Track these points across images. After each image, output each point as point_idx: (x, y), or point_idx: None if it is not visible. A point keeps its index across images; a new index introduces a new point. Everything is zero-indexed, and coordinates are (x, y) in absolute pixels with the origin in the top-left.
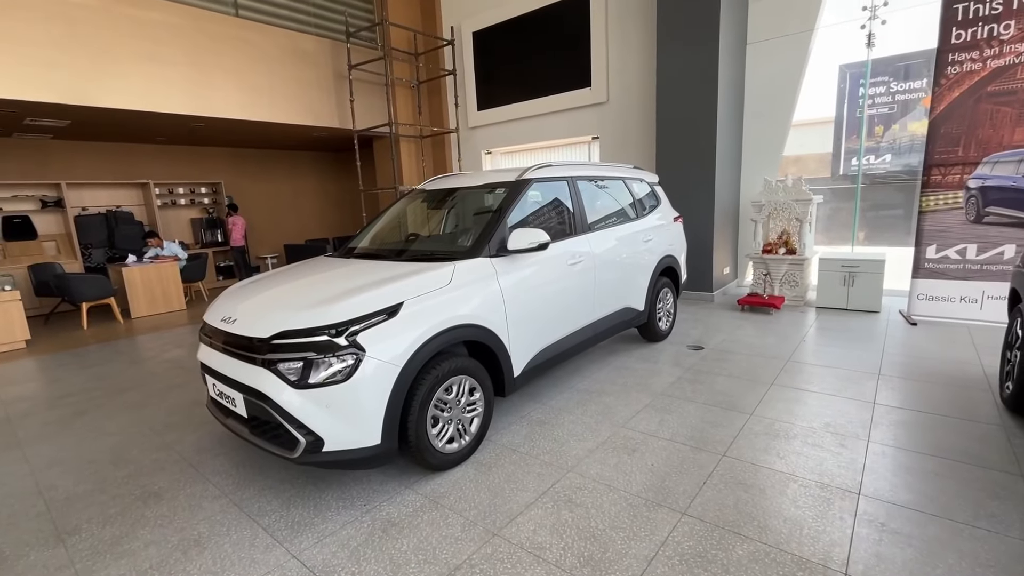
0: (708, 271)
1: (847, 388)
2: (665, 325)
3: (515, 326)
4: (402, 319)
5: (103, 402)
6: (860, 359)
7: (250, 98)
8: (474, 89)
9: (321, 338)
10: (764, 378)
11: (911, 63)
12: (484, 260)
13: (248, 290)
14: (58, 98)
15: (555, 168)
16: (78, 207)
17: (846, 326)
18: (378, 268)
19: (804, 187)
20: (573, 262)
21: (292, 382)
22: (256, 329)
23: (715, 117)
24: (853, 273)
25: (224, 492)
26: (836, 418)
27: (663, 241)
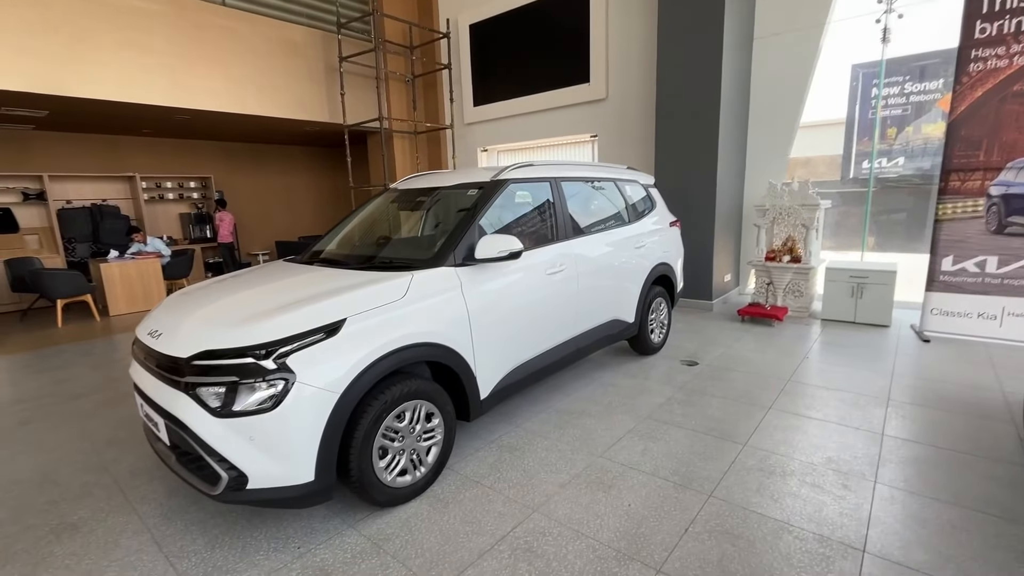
0: (707, 278)
1: (853, 416)
2: (658, 338)
3: (482, 343)
4: (343, 339)
5: (52, 410)
6: (868, 381)
7: (236, 90)
8: (470, 84)
9: (246, 360)
10: (762, 401)
11: (927, 63)
12: (447, 270)
13: (184, 299)
14: (30, 87)
15: (536, 168)
16: (62, 200)
17: (853, 341)
18: (328, 278)
19: (811, 191)
20: (553, 271)
21: (213, 409)
22: (177, 347)
23: (718, 115)
24: (862, 284)
25: (147, 526)
26: (840, 452)
27: (657, 247)
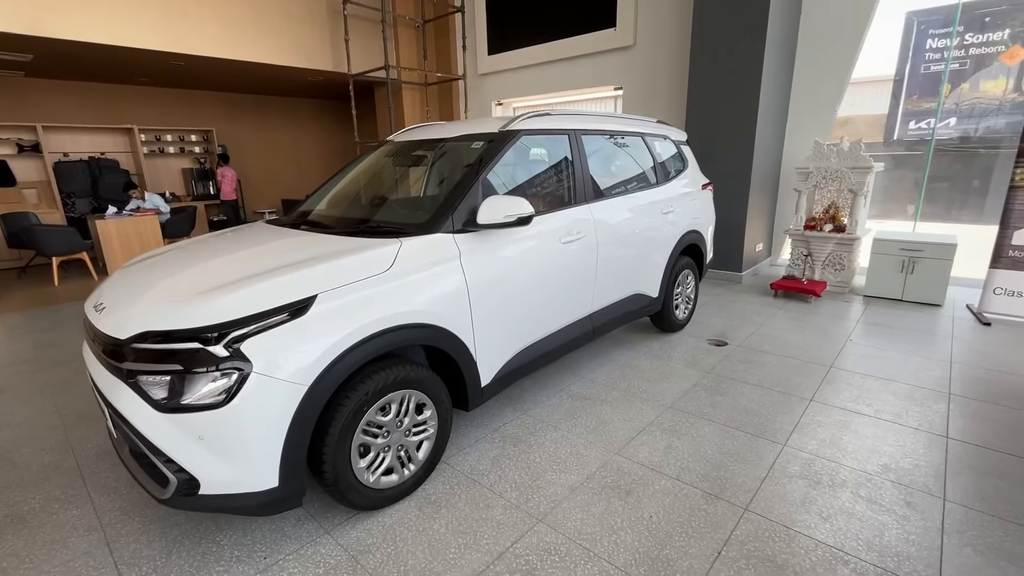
0: (738, 248)
1: (909, 412)
2: (683, 314)
3: (484, 324)
4: (312, 319)
5: (30, 378)
6: (923, 369)
7: (230, 33)
8: (485, 30)
9: (192, 345)
10: (801, 391)
11: (993, 10)
12: (444, 237)
13: (143, 266)
14: (5, 27)
15: (553, 118)
16: (58, 153)
17: (902, 322)
18: (308, 245)
19: (863, 152)
20: (569, 239)
21: (156, 402)
22: (118, 326)
23: (761, 65)
24: (914, 258)
25: (102, 522)
26: (898, 458)
27: (687, 213)
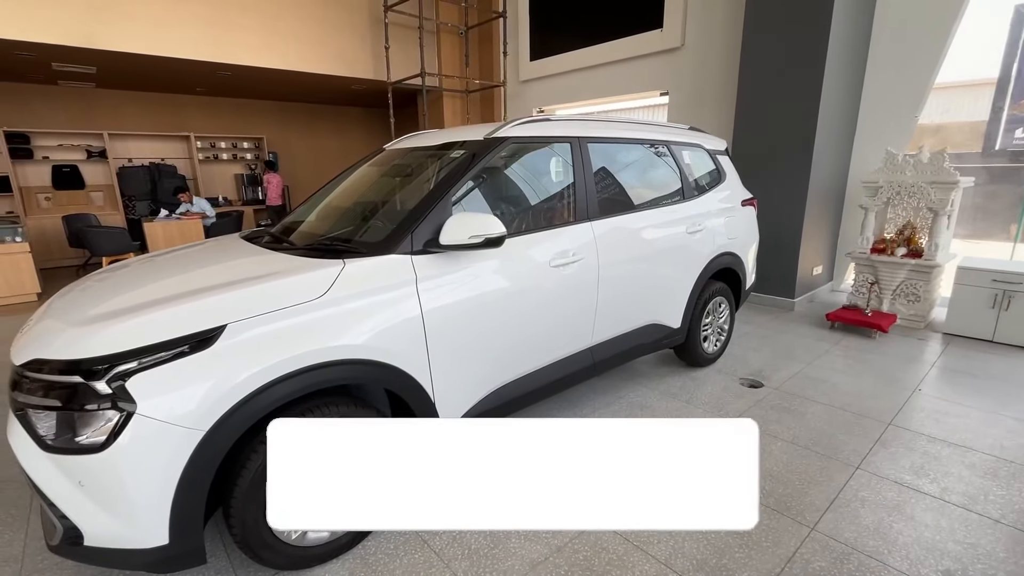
0: (791, 271)
1: (989, 496)
2: (713, 347)
3: (445, 360)
4: (217, 354)
5: None
6: (1015, 436)
7: (272, 43)
8: (527, 35)
9: (71, 378)
10: (846, 454)
11: None
12: (399, 259)
13: (92, 281)
14: (63, 40)
15: (553, 124)
16: (123, 158)
17: (991, 370)
18: (241, 265)
19: (946, 165)
20: (562, 262)
21: (41, 439)
22: (19, 349)
23: (823, 64)
24: (1011, 291)
25: (26, 552)
26: (967, 563)
27: (720, 232)
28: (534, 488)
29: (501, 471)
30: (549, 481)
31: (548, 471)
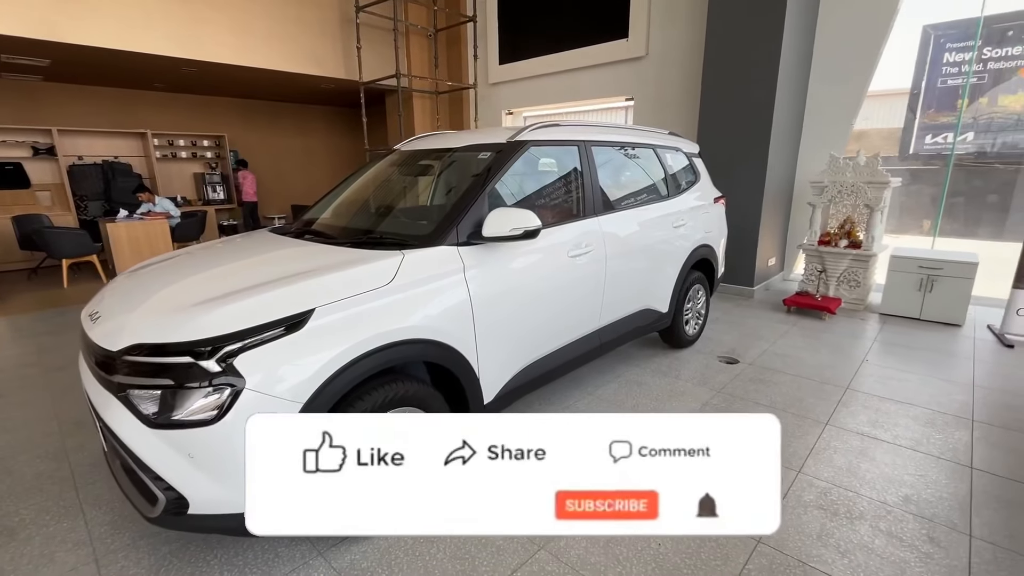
0: (750, 262)
1: (930, 439)
2: (693, 329)
3: (488, 340)
4: (309, 334)
5: (29, 383)
6: (944, 393)
7: (244, 41)
8: (496, 39)
9: (184, 359)
10: (816, 413)
11: (1012, 24)
12: (448, 250)
13: (141, 274)
14: (20, 31)
15: (563, 129)
16: (73, 156)
17: (921, 342)
18: (308, 256)
19: (880, 167)
20: (577, 252)
21: (146, 417)
22: (110, 337)
23: (776, 76)
24: (934, 276)
25: (92, 536)
26: (919, 489)
27: (699, 227)
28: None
29: (507, 471)
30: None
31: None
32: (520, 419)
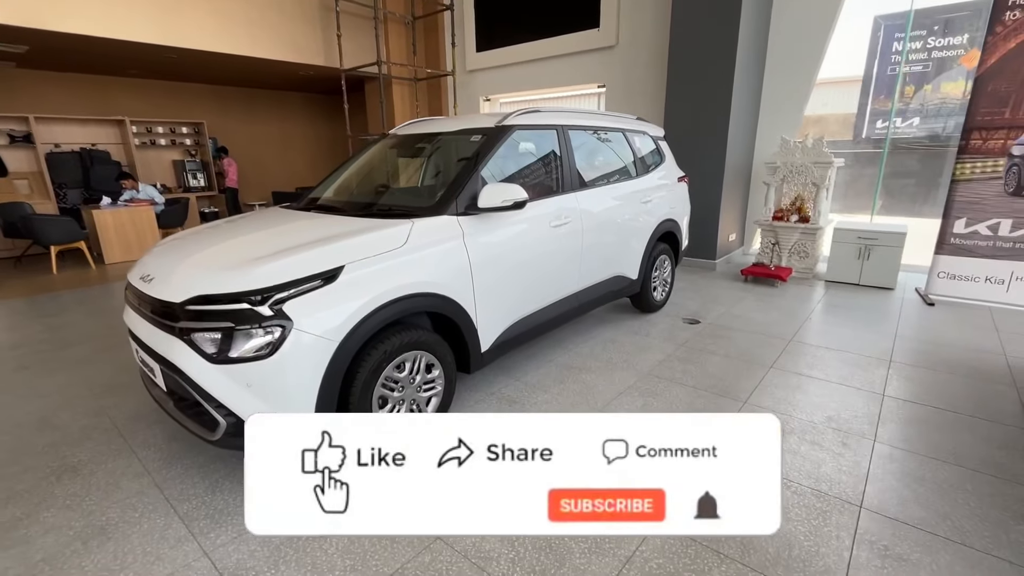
0: (712, 237)
1: (854, 376)
2: (660, 295)
3: (484, 296)
4: (341, 286)
5: (48, 357)
6: (871, 342)
7: (225, 28)
8: (473, 28)
9: (241, 306)
10: (763, 360)
11: (954, 15)
12: (449, 219)
13: (178, 244)
14: (6, 19)
15: (543, 115)
16: (50, 143)
17: (857, 303)
18: (327, 224)
19: (825, 149)
20: (558, 223)
21: (208, 355)
22: (171, 291)
23: (733, 66)
24: (870, 246)
25: (148, 469)
26: (840, 411)
27: (664, 203)
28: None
29: (503, 471)
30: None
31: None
32: (519, 419)
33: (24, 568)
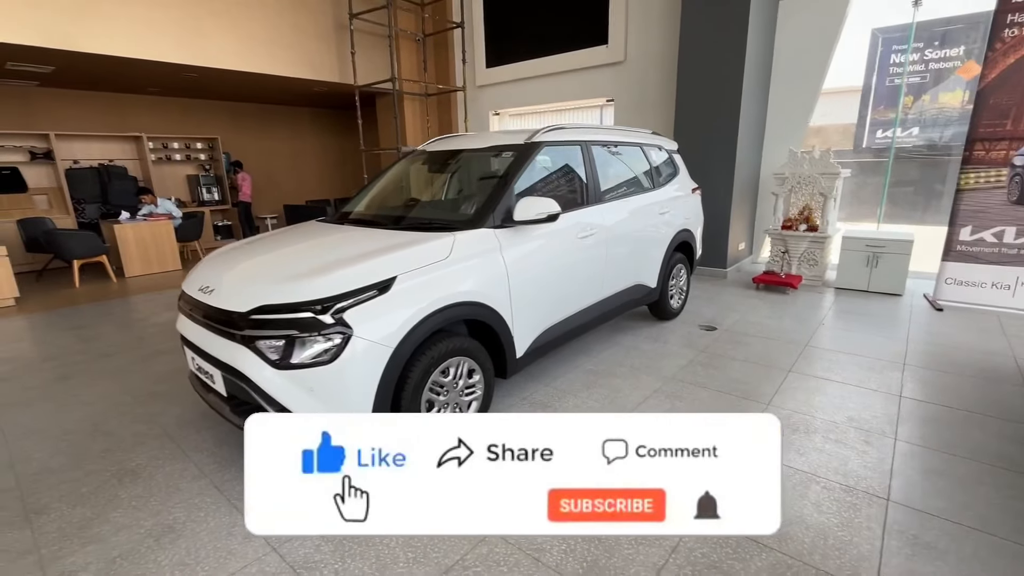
0: (723, 247)
1: (870, 379)
2: (677, 303)
3: (519, 304)
4: (395, 295)
5: (86, 367)
6: (883, 346)
7: (247, 47)
8: (483, 44)
9: (304, 315)
10: (781, 364)
11: (950, 28)
12: (487, 231)
13: (230, 256)
14: (40, 41)
15: (568, 131)
16: (69, 160)
17: (867, 309)
18: (371, 237)
19: (832, 160)
20: (584, 235)
21: (272, 361)
22: (234, 302)
23: (741, 80)
24: (878, 253)
25: (204, 472)
26: (860, 412)
27: (680, 214)
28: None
29: (502, 471)
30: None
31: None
32: (519, 419)
33: (103, 564)
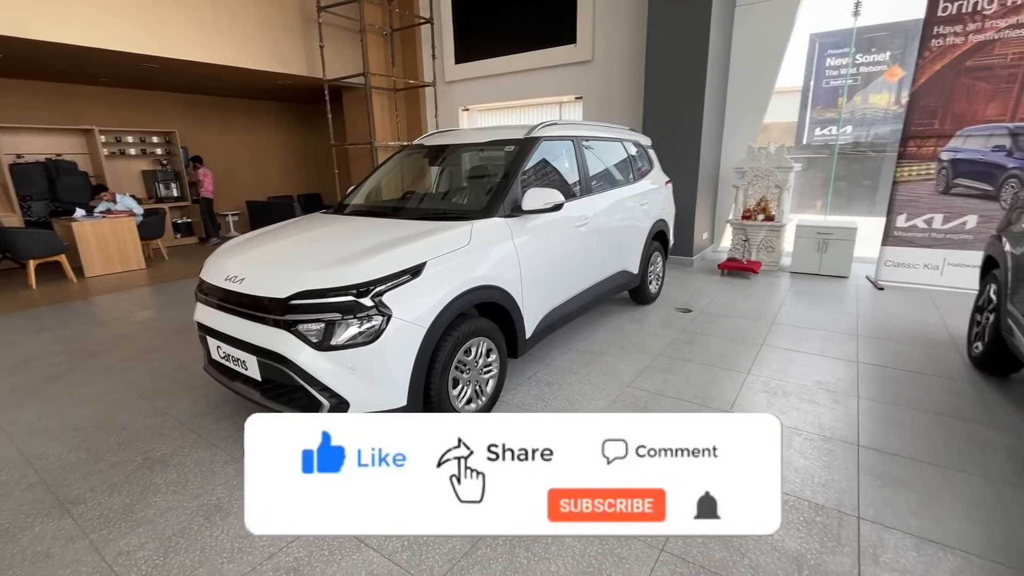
0: (689, 236)
1: (831, 348)
2: (655, 288)
3: (528, 287)
4: (426, 279)
5: (75, 367)
6: (838, 321)
7: (211, 38)
8: (452, 40)
9: (345, 298)
10: (754, 339)
11: (876, 35)
12: (499, 220)
13: (248, 247)
14: None
15: (561, 127)
16: (12, 154)
17: (820, 290)
18: (393, 226)
19: (786, 155)
20: (579, 224)
21: (313, 343)
22: (270, 289)
23: (704, 80)
24: (827, 240)
25: (235, 457)
26: (826, 376)
27: (656, 205)
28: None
29: (502, 471)
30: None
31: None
32: (519, 419)
33: (159, 542)
